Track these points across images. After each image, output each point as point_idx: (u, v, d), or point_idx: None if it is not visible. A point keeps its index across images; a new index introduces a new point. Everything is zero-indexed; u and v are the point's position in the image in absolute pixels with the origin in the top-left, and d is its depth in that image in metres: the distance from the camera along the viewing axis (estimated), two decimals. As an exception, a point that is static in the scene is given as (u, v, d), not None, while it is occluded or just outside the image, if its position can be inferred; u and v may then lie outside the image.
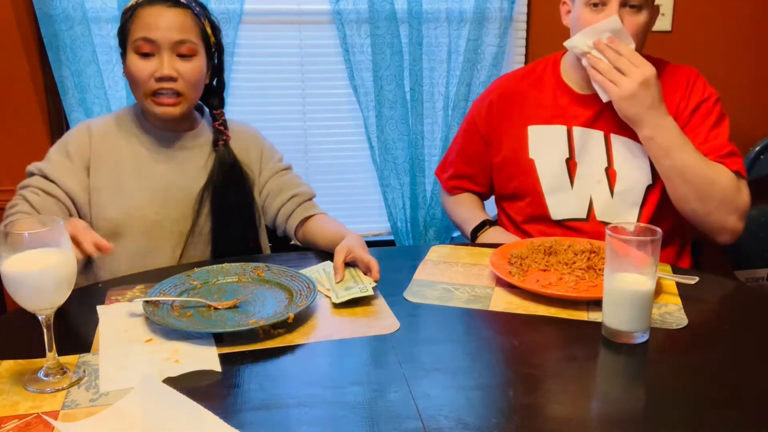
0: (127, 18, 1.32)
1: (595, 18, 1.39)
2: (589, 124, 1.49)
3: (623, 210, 1.48)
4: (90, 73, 2.04)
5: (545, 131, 1.53)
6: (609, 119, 1.47)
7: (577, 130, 1.50)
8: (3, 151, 2.09)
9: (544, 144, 1.52)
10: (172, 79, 1.30)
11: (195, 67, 1.32)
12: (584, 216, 1.50)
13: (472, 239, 1.60)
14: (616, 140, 1.48)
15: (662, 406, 0.84)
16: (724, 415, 0.83)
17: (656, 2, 1.43)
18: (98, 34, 2.04)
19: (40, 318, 0.88)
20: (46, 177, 1.31)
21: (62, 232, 0.86)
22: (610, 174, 1.48)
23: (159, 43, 1.29)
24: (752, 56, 2.46)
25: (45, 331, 0.89)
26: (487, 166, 1.65)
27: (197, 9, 1.35)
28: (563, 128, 1.51)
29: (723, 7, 2.39)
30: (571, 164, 1.51)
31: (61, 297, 0.88)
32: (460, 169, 1.70)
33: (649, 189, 1.46)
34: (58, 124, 2.14)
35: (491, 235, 1.57)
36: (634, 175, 1.46)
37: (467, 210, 1.68)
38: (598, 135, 1.49)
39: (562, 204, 1.52)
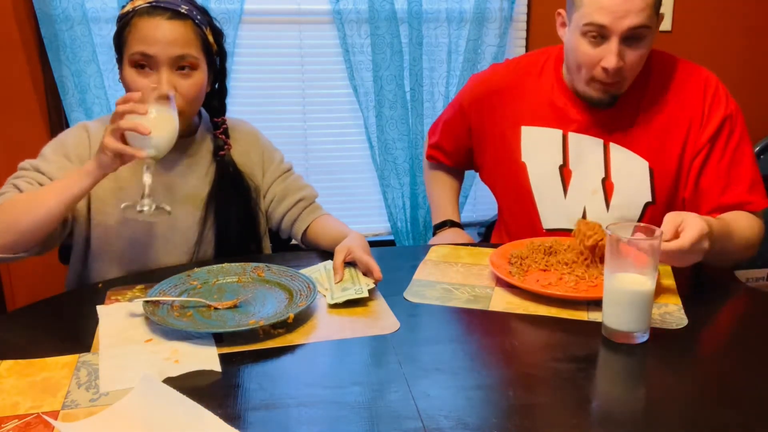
0: (123, 25, 1.24)
1: (594, 51, 1.28)
2: (587, 129, 1.41)
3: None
4: (90, 73, 2.04)
5: (539, 134, 1.45)
6: (609, 126, 1.39)
7: (573, 136, 1.42)
8: (3, 151, 2.09)
9: (537, 148, 1.45)
10: None
11: (195, 83, 1.25)
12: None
13: (432, 233, 1.66)
14: (616, 150, 1.39)
15: (662, 406, 0.84)
16: (724, 415, 0.83)
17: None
18: (98, 34, 2.05)
19: (145, 168, 1.10)
20: (40, 172, 1.25)
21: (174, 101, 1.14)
22: (607, 186, 1.41)
23: (157, 58, 1.21)
24: (752, 56, 2.46)
25: (146, 177, 1.10)
26: (464, 148, 1.62)
27: (198, 18, 1.26)
28: (558, 132, 1.43)
29: (723, 7, 2.40)
30: (564, 171, 1.43)
31: (170, 145, 1.13)
32: (441, 140, 1.67)
33: (648, 206, 1.41)
34: (58, 124, 2.14)
35: (445, 236, 1.60)
36: (632, 190, 1.39)
37: (440, 196, 1.70)
38: (596, 143, 1.40)
39: (553, 213, 1.46)
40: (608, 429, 0.80)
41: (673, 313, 1.09)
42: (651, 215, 1.41)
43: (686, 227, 1.11)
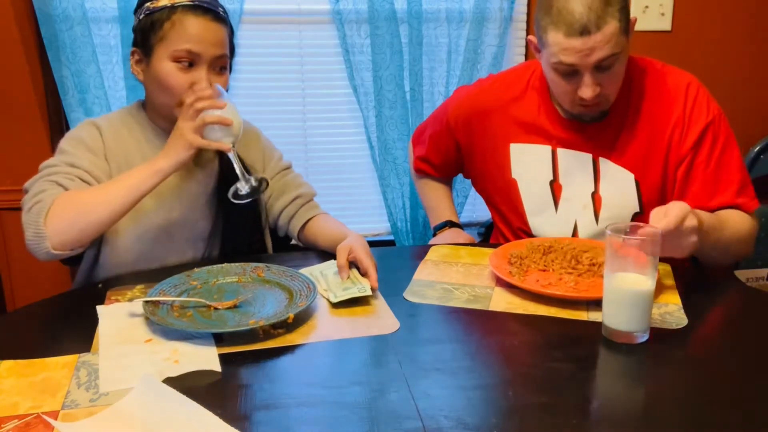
0: (161, 18, 1.26)
1: (569, 85, 1.29)
2: (576, 145, 1.41)
3: None
4: (90, 73, 2.03)
5: (528, 150, 1.45)
6: (597, 141, 1.39)
7: (562, 152, 1.42)
8: (3, 151, 2.08)
9: (527, 164, 1.46)
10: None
11: (226, 81, 1.32)
12: None
13: (433, 234, 1.66)
14: (605, 164, 1.39)
15: (662, 406, 0.84)
16: (724, 415, 0.83)
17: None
18: (98, 34, 2.04)
19: (232, 156, 1.20)
20: (74, 167, 1.24)
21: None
22: (596, 199, 1.41)
23: (202, 56, 1.26)
24: (752, 56, 2.46)
25: (234, 161, 1.20)
26: (452, 161, 1.63)
27: (228, 21, 1.33)
28: (547, 148, 1.43)
29: (723, 7, 2.39)
30: (555, 186, 1.44)
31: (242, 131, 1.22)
32: (429, 154, 1.66)
33: (636, 216, 1.40)
34: (58, 124, 2.13)
35: (446, 236, 1.60)
36: (620, 202, 1.39)
37: (435, 199, 1.71)
38: (585, 157, 1.41)
39: (546, 227, 1.46)
40: (608, 429, 0.81)
41: (673, 313, 1.09)
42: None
43: (669, 210, 1.11)
